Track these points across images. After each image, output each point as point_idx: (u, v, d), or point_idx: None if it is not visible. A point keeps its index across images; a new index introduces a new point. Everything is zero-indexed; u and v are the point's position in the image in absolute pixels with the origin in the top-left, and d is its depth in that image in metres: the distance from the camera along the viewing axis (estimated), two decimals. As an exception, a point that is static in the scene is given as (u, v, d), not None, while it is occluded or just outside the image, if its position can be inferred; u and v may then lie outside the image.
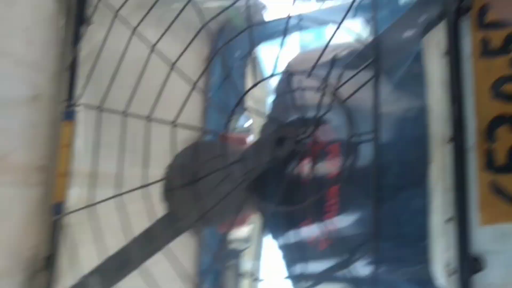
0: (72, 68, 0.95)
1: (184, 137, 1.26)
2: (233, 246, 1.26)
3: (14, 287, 0.86)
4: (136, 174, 0.86)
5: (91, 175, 0.89)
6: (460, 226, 0.60)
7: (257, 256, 1.24)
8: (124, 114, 0.85)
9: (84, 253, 0.88)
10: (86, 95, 0.97)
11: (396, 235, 0.70)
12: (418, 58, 0.74)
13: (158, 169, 0.92)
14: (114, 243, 0.88)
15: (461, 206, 0.60)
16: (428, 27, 0.71)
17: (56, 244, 0.90)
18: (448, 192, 0.62)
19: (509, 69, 0.64)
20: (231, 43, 1.33)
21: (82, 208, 0.86)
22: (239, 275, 1.17)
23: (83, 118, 1.01)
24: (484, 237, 0.60)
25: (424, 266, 0.66)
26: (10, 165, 0.87)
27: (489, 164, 0.61)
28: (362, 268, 0.71)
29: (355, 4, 0.75)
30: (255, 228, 1.11)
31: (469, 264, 0.58)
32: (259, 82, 0.80)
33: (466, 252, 0.59)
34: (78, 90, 0.94)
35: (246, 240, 1.24)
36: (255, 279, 0.72)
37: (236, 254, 1.26)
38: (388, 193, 0.70)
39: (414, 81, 0.74)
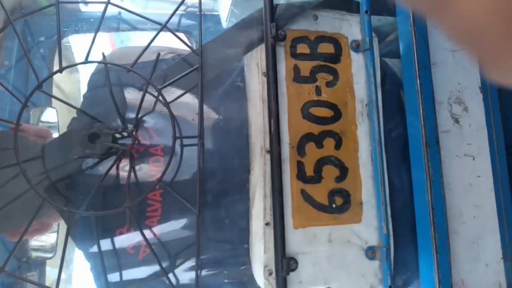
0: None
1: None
2: (35, 255, 1.05)
3: None
4: None
5: None
6: (277, 230, 0.64)
7: (62, 267, 1.06)
8: None
9: None
10: None
11: (219, 239, 0.71)
12: (242, 72, 0.78)
13: None
14: None
15: (278, 211, 0.65)
16: (249, 47, 0.75)
17: None
18: (266, 198, 0.67)
19: (315, 96, 0.73)
20: (37, 26, 1.14)
21: None
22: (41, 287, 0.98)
23: None
24: (297, 239, 0.66)
25: (247, 268, 0.69)
26: None
27: (300, 174, 0.69)
28: (184, 273, 0.68)
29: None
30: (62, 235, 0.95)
31: (285, 264, 0.63)
32: (64, 68, 0.70)
33: (283, 253, 0.64)
34: None
35: (51, 249, 1.05)
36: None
37: (39, 264, 1.05)
38: (211, 198, 0.71)
39: (238, 94, 0.77)
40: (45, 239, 1.10)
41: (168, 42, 0.91)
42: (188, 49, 0.74)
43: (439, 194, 0.71)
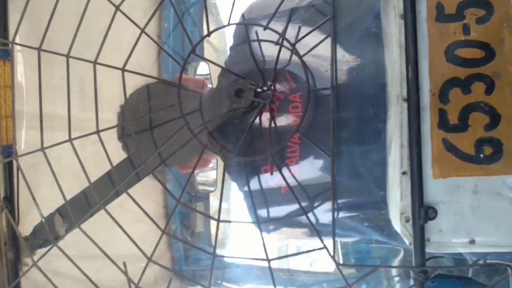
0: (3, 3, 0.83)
1: (140, 83, 1.17)
2: (201, 188, 1.23)
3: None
4: (89, 118, 0.79)
5: (42, 118, 0.82)
6: (414, 179, 0.61)
7: (224, 199, 1.23)
8: (68, 56, 0.78)
9: (42, 194, 0.84)
10: (24, 34, 0.85)
11: (355, 186, 0.71)
12: (377, 18, 0.72)
13: (111, 113, 0.84)
14: (71, 185, 0.84)
15: (415, 161, 0.61)
16: (386, -13, 0.68)
17: (12, 185, 0.85)
18: (403, 147, 0.63)
19: (462, 35, 0.63)
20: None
21: (34, 151, 0.81)
22: (207, 217, 1.16)
23: (23, 58, 0.90)
24: (436, 189, 0.62)
25: (384, 213, 0.68)
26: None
27: (442, 123, 0.62)
28: (323, 214, 0.71)
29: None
30: (221, 171, 1.08)
31: (422, 213, 0.60)
32: (213, 31, 0.75)
33: (420, 202, 0.61)
34: (13, 27, 0.83)
35: (213, 183, 1.21)
36: (222, 221, 0.71)
37: (204, 196, 1.24)
38: (346, 146, 0.70)
39: (372, 40, 0.72)
40: (208, 175, 1.25)
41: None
42: None
43: None
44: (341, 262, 1.08)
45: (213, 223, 1.23)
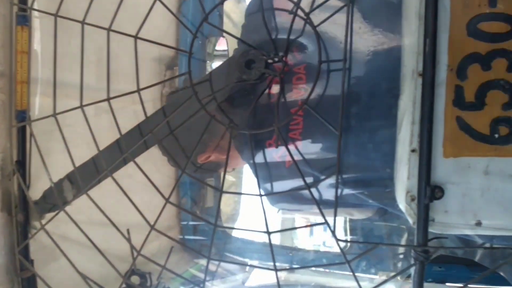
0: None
1: (157, 56, 1.13)
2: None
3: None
4: (105, 88, 0.76)
5: (56, 85, 0.79)
6: (423, 157, 0.57)
7: (235, 173, 1.21)
8: (83, 23, 0.75)
9: (54, 160, 0.82)
10: (43, 1, 0.81)
11: (362, 162, 0.66)
12: None
13: (127, 84, 0.81)
14: (83, 153, 0.82)
15: (425, 138, 0.57)
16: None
17: (25, 150, 0.83)
18: (414, 124, 0.58)
19: (488, 7, 0.57)
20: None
21: (46, 117, 0.79)
22: (210, 187, 1.14)
23: (41, 24, 0.87)
24: (446, 168, 0.58)
25: (389, 191, 0.64)
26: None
27: (458, 100, 0.57)
28: (328, 190, 0.68)
29: None
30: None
31: (428, 192, 0.56)
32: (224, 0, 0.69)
33: (427, 181, 0.57)
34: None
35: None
36: (225, 192, 0.68)
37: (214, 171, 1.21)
38: (355, 122, 0.66)
39: (391, 11, 0.66)
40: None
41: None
42: None
43: None
44: (346, 238, 1.05)
45: (223, 199, 1.21)
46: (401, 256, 0.96)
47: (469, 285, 0.75)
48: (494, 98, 0.57)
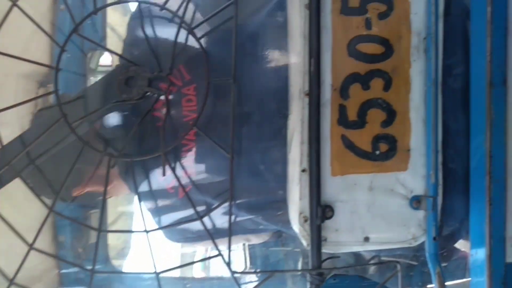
0: None
1: (27, 72, 0.98)
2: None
3: None
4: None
5: None
6: (312, 178, 0.57)
7: (127, 203, 1.09)
8: None
9: None
10: None
11: (254, 185, 0.65)
12: (282, 7, 0.65)
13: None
14: None
15: (314, 158, 0.57)
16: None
17: None
18: (303, 144, 0.58)
19: (364, 29, 0.60)
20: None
21: None
22: (95, 230, 1.00)
23: None
24: (334, 187, 0.59)
25: (283, 214, 0.63)
26: None
27: (342, 119, 0.59)
28: (222, 218, 0.64)
29: None
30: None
31: (319, 212, 0.56)
32: (99, 8, 0.63)
33: (318, 201, 0.57)
34: None
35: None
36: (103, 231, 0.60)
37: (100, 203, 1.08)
38: (246, 143, 0.64)
39: (277, 30, 0.65)
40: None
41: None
42: None
43: (499, 141, 0.58)
44: (245, 265, 1.02)
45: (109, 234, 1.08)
46: (298, 278, 0.97)
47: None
48: (374, 116, 0.59)
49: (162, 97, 0.63)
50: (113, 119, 0.67)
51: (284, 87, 0.63)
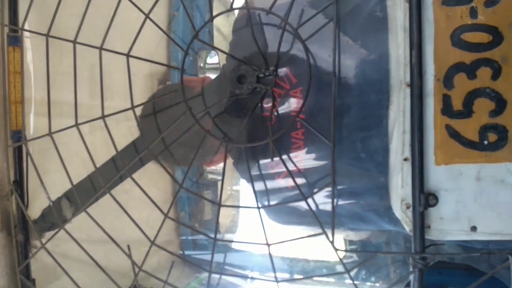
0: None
1: (149, 71, 1.15)
2: (210, 177, 1.22)
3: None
4: (98, 105, 0.78)
5: (50, 103, 0.80)
6: (415, 165, 0.59)
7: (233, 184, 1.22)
8: (75, 42, 0.76)
9: (51, 179, 0.83)
10: (33, 21, 0.83)
11: (356, 172, 0.68)
12: (382, 1, 0.68)
13: (120, 101, 0.82)
14: (79, 170, 0.83)
15: (417, 148, 0.59)
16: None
17: (21, 170, 0.84)
18: (405, 133, 0.60)
19: (469, 19, 0.60)
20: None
21: (42, 136, 0.80)
22: (207, 201, 1.15)
23: (32, 44, 0.88)
24: (438, 176, 0.60)
25: (384, 200, 0.66)
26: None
27: (446, 109, 0.59)
28: (324, 200, 0.69)
29: None
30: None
31: (422, 199, 0.58)
32: (216, 15, 0.72)
33: (421, 188, 0.58)
34: (22, 14, 0.81)
35: (221, 172, 1.19)
36: (223, 205, 0.70)
37: (213, 185, 1.22)
38: (347, 133, 0.68)
39: (377, 25, 0.68)
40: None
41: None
42: None
43: None
44: (345, 248, 1.06)
45: (222, 211, 1.20)
46: (400, 263, 0.98)
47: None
48: (481, 106, 0.59)
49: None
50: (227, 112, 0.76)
51: (384, 78, 0.65)
